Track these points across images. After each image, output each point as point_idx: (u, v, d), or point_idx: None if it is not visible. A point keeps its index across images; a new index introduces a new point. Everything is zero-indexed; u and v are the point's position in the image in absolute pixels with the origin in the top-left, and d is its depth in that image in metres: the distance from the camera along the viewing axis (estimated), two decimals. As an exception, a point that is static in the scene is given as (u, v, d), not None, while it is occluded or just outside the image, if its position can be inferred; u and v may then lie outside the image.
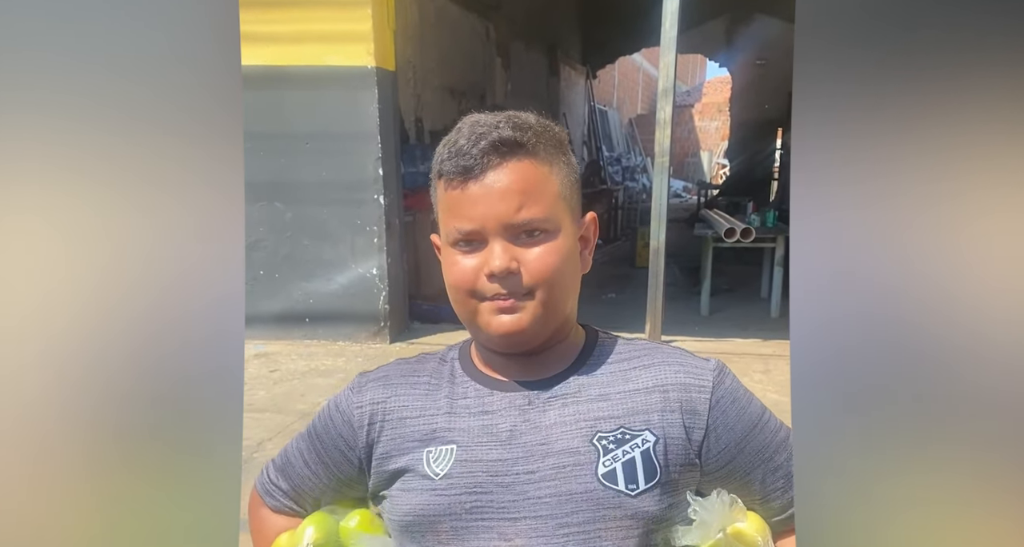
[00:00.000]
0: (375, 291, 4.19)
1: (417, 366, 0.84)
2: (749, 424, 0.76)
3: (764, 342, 4.34)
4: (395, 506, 0.76)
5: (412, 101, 5.15)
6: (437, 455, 0.74)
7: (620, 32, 10.53)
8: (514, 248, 0.72)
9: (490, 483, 0.72)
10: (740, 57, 12.31)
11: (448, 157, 0.73)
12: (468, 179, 0.72)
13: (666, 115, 4.03)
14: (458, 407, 0.77)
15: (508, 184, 0.71)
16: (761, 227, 5.10)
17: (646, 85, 19.46)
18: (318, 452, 0.82)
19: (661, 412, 0.74)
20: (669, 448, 0.73)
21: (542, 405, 0.75)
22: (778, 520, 0.78)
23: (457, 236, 0.73)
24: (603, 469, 0.71)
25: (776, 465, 0.77)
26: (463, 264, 0.73)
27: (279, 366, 3.86)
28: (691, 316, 5.00)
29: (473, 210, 0.71)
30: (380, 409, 0.79)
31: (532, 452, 0.72)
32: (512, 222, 0.71)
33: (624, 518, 0.70)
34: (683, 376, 0.77)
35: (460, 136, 0.74)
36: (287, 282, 4.21)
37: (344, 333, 4.25)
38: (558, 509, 0.70)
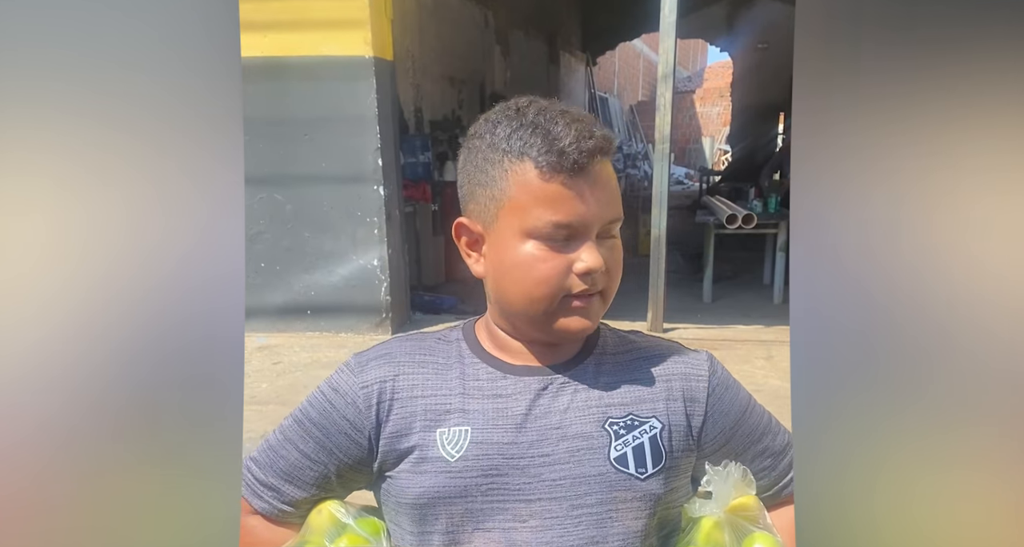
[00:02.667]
0: (376, 282, 4.19)
1: (420, 344, 0.82)
2: (740, 410, 0.81)
3: (767, 328, 4.34)
4: (405, 488, 0.75)
5: (411, 90, 5.13)
6: (451, 437, 0.74)
7: (620, 18, 10.48)
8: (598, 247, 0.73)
9: (505, 466, 0.73)
10: (741, 41, 12.25)
11: (547, 147, 0.70)
12: (576, 175, 0.70)
13: (666, 101, 4.01)
14: (471, 388, 0.77)
15: (610, 185, 0.73)
16: (763, 213, 5.09)
17: (647, 71, 19.39)
18: (318, 440, 0.78)
19: (666, 400, 0.78)
20: (673, 434, 0.77)
21: (555, 390, 0.77)
22: (766, 497, 0.83)
23: (552, 230, 0.71)
24: (615, 453, 0.74)
25: (763, 447, 0.82)
26: (555, 260, 0.72)
27: (282, 358, 3.87)
28: (693, 303, 5.00)
29: (578, 206, 0.70)
30: (389, 387, 0.78)
31: (546, 436, 0.74)
32: (610, 220, 0.73)
33: (634, 500, 0.73)
34: (682, 367, 0.81)
35: (553, 125, 0.71)
36: (288, 274, 4.21)
37: (346, 325, 4.26)
38: (572, 491, 0.72)
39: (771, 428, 0.83)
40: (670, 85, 3.99)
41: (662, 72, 4.02)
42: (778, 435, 0.83)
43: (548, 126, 0.71)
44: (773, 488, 0.83)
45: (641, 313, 4.30)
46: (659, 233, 4.15)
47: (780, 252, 4.96)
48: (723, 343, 4.04)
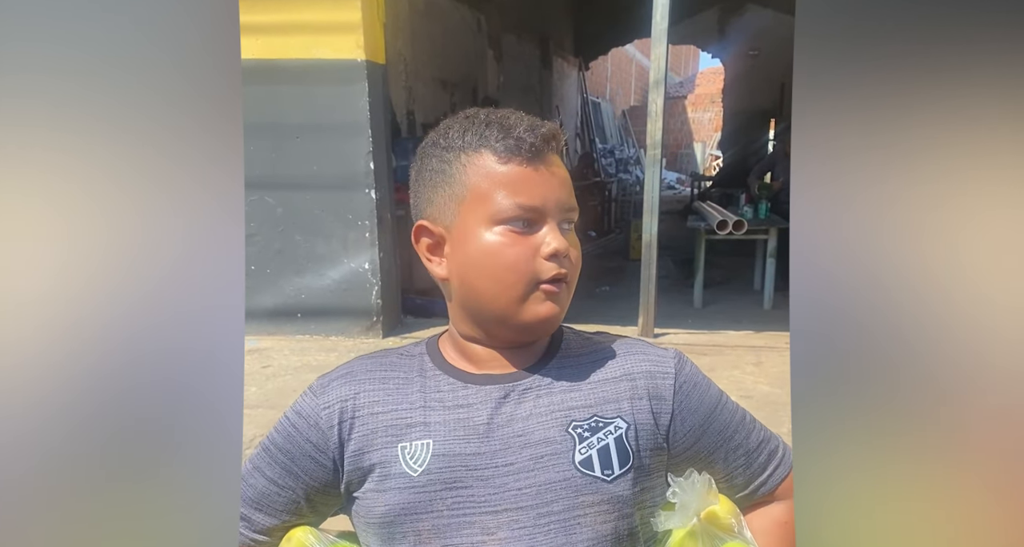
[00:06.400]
0: (368, 286, 4.17)
1: (382, 360, 0.82)
2: (710, 406, 0.80)
3: (757, 334, 4.35)
4: (371, 507, 0.74)
5: (403, 94, 5.13)
6: (413, 451, 0.73)
7: (613, 23, 10.52)
8: None
9: (469, 477, 0.72)
10: (733, 48, 12.33)
11: (503, 135, 0.72)
12: (534, 159, 0.73)
13: (658, 107, 4.02)
14: (432, 401, 0.76)
15: (564, 175, 0.76)
16: (753, 219, 5.11)
17: (639, 76, 19.46)
18: (284, 465, 0.78)
19: (630, 399, 0.77)
20: (640, 434, 0.76)
21: (518, 397, 0.76)
22: (742, 496, 0.82)
23: (517, 213, 0.72)
24: (580, 456, 0.73)
25: (736, 444, 0.81)
26: (521, 245, 0.72)
27: (271, 362, 3.85)
28: (684, 308, 5.01)
29: (539, 188, 0.72)
30: (349, 406, 0.77)
31: (509, 444, 0.73)
32: (567, 207, 0.75)
33: (601, 503, 0.72)
34: (647, 364, 0.80)
35: (504, 119, 0.74)
36: (279, 277, 4.19)
37: (337, 328, 4.24)
38: (538, 499, 0.71)
39: (744, 425, 0.82)
40: (662, 91, 4.00)
41: (654, 78, 4.03)
42: (752, 432, 0.82)
43: (501, 120, 0.74)
44: (749, 486, 0.82)
45: (632, 318, 4.31)
46: (650, 238, 4.16)
47: (770, 258, 4.98)
48: (713, 348, 4.05)
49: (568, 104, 11.13)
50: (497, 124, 0.73)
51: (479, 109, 0.77)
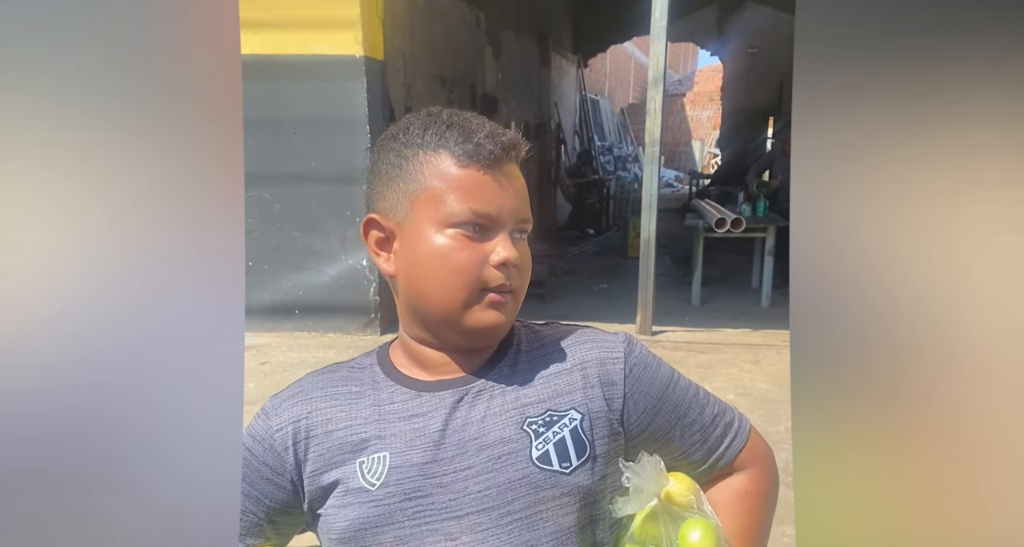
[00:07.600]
0: (365, 282, 4.17)
1: (332, 376, 0.81)
2: (662, 386, 0.80)
3: (754, 332, 4.36)
4: (333, 523, 0.74)
5: (401, 90, 5.11)
6: (370, 465, 0.73)
7: (611, 20, 10.51)
8: None
9: (428, 486, 0.72)
10: (731, 45, 12.33)
11: (463, 139, 0.72)
12: (492, 166, 0.72)
13: (656, 104, 4.02)
14: (386, 413, 0.76)
15: (521, 185, 0.76)
16: (751, 217, 5.12)
17: (638, 74, 19.46)
18: (243, 490, 0.77)
19: (583, 389, 0.77)
20: (595, 422, 0.76)
21: (471, 400, 0.76)
22: (701, 471, 0.82)
23: (470, 218, 0.71)
24: (536, 452, 0.73)
25: (691, 420, 0.80)
26: (470, 250, 0.72)
27: (269, 358, 3.84)
28: (682, 306, 5.02)
29: (494, 196, 0.72)
30: (303, 425, 0.77)
31: (466, 448, 0.73)
32: (521, 217, 0.75)
33: (562, 496, 0.72)
34: (597, 352, 0.80)
35: (467, 122, 0.74)
36: (277, 273, 4.19)
37: (334, 325, 4.24)
38: (499, 499, 0.71)
39: (698, 401, 0.82)
40: (660, 89, 4.00)
41: (652, 76, 4.03)
42: (705, 407, 0.81)
43: (463, 123, 0.74)
44: (707, 461, 0.81)
45: (630, 315, 4.31)
46: (648, 236, 4.16)
47: (768, 256, 4.98)
48: (711, 346, 4.05)
49: (567, 101, 11.12)
50: (459, 127, 0.73)
51: (443, 109, 0.77)
